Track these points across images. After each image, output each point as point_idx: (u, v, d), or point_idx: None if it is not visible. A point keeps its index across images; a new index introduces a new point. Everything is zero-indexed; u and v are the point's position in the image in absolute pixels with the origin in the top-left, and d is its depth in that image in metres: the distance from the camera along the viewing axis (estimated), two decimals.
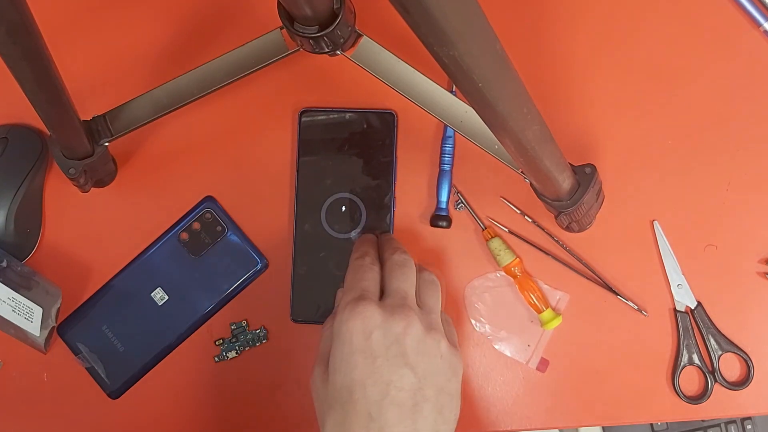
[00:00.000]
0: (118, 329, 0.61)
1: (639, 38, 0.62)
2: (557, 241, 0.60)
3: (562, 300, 0.60)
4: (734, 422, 0.90)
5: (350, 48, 0.53)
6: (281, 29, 0.54)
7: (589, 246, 0.61)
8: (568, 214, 0.53)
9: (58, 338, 0.61)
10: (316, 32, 0.48)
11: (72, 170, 0.54)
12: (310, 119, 0.61)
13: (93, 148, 0.55)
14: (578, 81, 0.62)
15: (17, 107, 0.61)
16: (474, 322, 0.60)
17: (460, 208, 0.61)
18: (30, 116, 0.62)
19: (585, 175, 0.52)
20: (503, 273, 0.60)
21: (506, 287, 0.61)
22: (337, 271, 0.60)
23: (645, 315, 0.60)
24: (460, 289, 0.61)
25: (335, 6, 0.48)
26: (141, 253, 0.61)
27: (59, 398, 0.61)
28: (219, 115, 0.62)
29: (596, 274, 0.60)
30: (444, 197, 0.60)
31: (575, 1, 0.62)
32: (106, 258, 0.62)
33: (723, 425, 0.90)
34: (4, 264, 0.57)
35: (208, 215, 0.61)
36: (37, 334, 0.58)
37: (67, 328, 0.61)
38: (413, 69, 0.54)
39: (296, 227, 0.60)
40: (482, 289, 0.61)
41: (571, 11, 0.62)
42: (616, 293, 0.60)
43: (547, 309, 0.59)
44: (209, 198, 0.62)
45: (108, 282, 0.61)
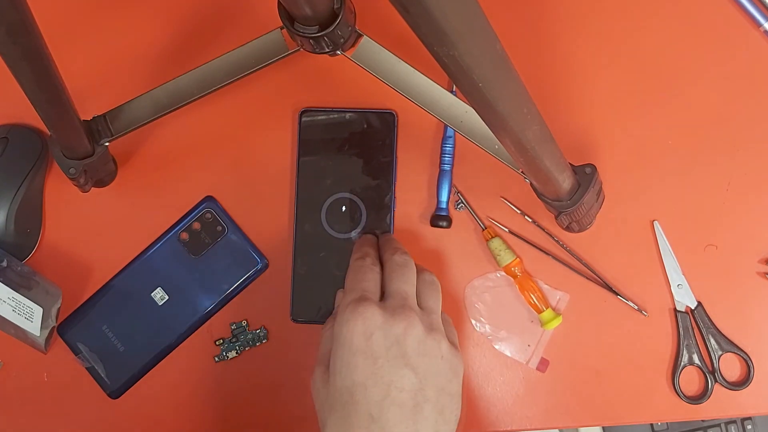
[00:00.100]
0: (118, 329, 0.61)
1: (639, 38, 0.62)
2: (557, 241, 0.60)
3: (562, 300, 0.60)
4: (734, 422, 0.90)
5: (350, 48, 0.53)
6: (281, 29, 0.54)
7: (589, 246, 0.61)
8: (568, 214, 0.53)
9: (58, 338, 0.61)
10: (316, 32, 0.48)
11: (72, 170, 0.54)
12: (310, 119, 0.61)
13: (93, 148, 0.55)
14: (578, 81, 0.62)
15: (17, 107, 0.61)
16: (474, 322, 0.60)
17: (460, 208, 0.61)
18: (30, 116, 0.62)
19: (585, 175, 0.52)
20: (503, 273, 0.60)
21: (506, 287, 0.61)
22: (337, 271, 0.60)
23: (645, 315, 0.60)
24: (460, 289, 0.61)
25: (335, 6, 0.48)
26: (141, 253, 0.61)
27: (59, 398, 0.61)
28: (219, 115, 0.62)
29: (596, 274, 0.60)
30: (444, 197, 0.60)
31: (575, 1, 0.62)
32: (106, 258, 0.62)
33: (723, 425, 0.90)
34: (4, 264, 0.57)
35: (208, 215, 0.61)
36: (38, 334, 0.58)
37: (67, 328, 0.61)
38: (413, 69, 0.54)
39: (296, 227, 0.60)
40: (482, 289, 0.61)
41: (572, 11, 0.62)
42: (616, 293, 0.60)
43: (547, 309, 0.59)
44: (209, 198, 0.62)
45: (108, 282, 0.61)
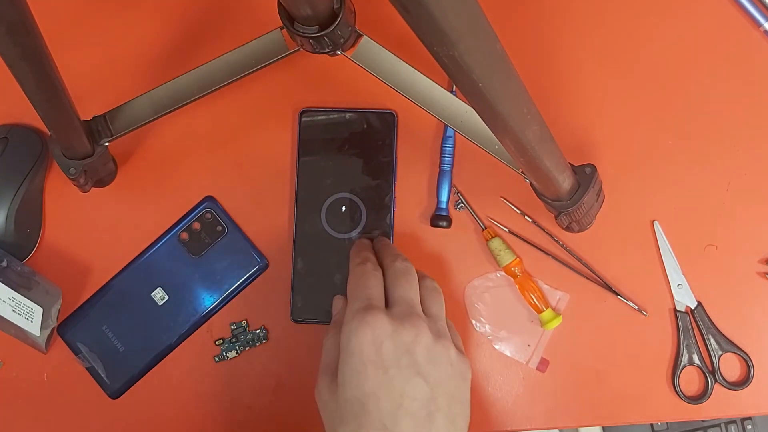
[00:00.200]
0: (118, 329, 0.61)
1: (639, 38, 0.62)
2: (557, 241, 0.60)
3: (562, 300, 0.60)
4: (734, 422, 0.90)
5: (350, 48, 0.53)
6: (281, 29, 0.54)
7: (589, 246, 0.61)
8: (568, 214, 0.53)
9: (58, 338, 0.61)
10: (316, 32, 0.48)
11: (72, 170, 0.54)
12: (310, 119, 0.61)
13: (93, 148, 0.55)
14: (578, 81, 0.62)
15: (17, 107, 0.61)
16: (474, 322, 0.60)
17: (460, 208, 0.61)
18: (30, 116, 0.62)
19: (585, 175, 0.52)
20: (503, 273, 0.60)
21: (506, 287, 0.61)
22: (337, 271, 0.60)
23: (645, 315, 0.60)
24: (460, 289, 0.61)
25: (335, 6, 0.48)
26: (141, 253, 0.61)
27: (59, 398, 0.61)
28: (219, 115, 0.62)
29: (596, 274, 0.60)
30: (444, 197, 0.60)
31: (575, 1, 0.62)
32: (106, 258, 0.62)
33: (723, 425, 0.90)
34: (4, 264, 0.57)
35: (208, 215, 0.61)
36: (37, 334, 0.58)
37: (67, 328, 0.61)
38: (413, 69, 0.54)
39: (296, 227, 0.60)
40: (482, 289, 0.61)
41: (571, 11, 0.62)
42: (616, 293, 0.60)
43: (547, 309, 0.59)
44: (209, 198, 0.62)
45: (108, 282, 0.61)
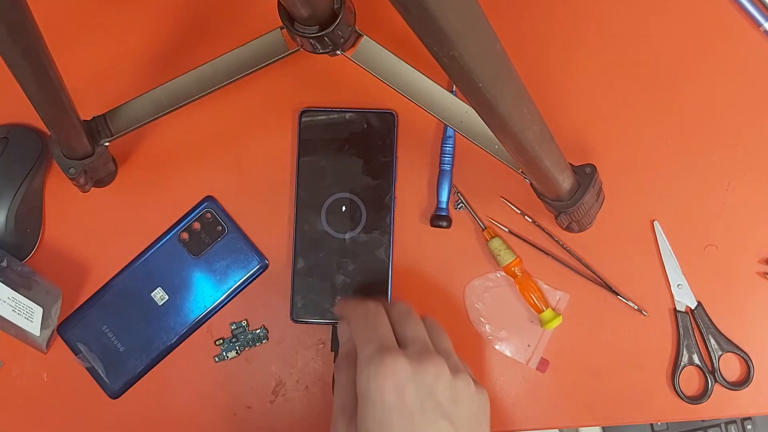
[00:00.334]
0: (118, 329, 0.61)
1: (639, 38, 0.62)
2: (557, 241, 0.60)
3: (562, 300, 0.60)
4: (734, 422, 0.89)
5: (350, 48, 0.53)
6: (281, 29, 0.54)
7: (589, 246, 0.61)
8: (568, 214, 0.53)
9: (58, 338, 0.61)
10: (316, 32, 0.48)
11: (72, 170, 0.54)
12: (310, 119, 0.61)
13: (93, 148, 0.55)
14: (578, 81, 0.62)
15: (17, 107, 0.61)
16: (474, 323, 0.60)
17: (460, 208, 0.61)
18: (30, 116, 0.62)
19: (585, 175, 0.52)
20: (503, 273, 0.60)
21: (506, 287, 0.61)
22: (337, 271, 0.60)
23: (645, 315, 0.60)
24: (460, 289, 0.61)
25: (335, 6, 0.48)
26: (141, 253, 0.61)
27: (59, 398, 0.61)
28: (219, 115, 0.62)
29: (596, 274, 0.60)
30: (444, 197, 0.60)
31: (575, 1, 0.62)
32: (106, 258, 0.62)
33: (723, 425, 0.90)
34: (4, 264, 0.57)
35: (208, 215, 0.61)
36: (37, 334, 0.58)
37: (67, 328, 0.61)
38: (413, 69, 0.54)
39: (296, 227, 0.60)
40: (482, 289, 0.61)
41: (571, 11, 0.62)
42: (616, 293, 0.60)
43: (547, 309, 0.59)
44: (209, 198, 0.62)
45: (108, 282, 0.61)
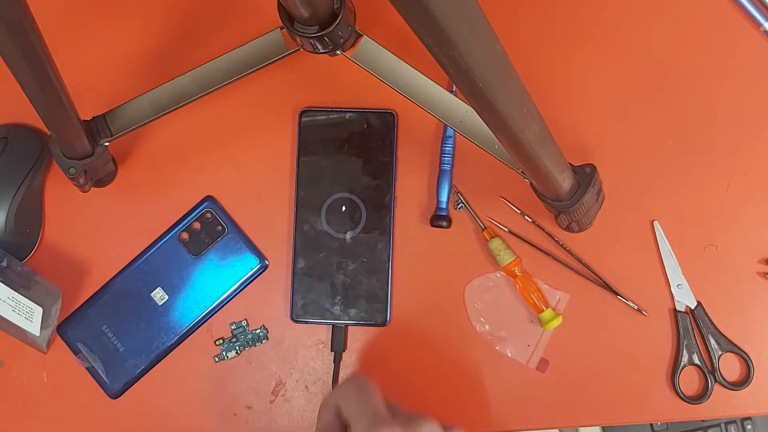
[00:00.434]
0: (118, 329, 0.61)
1: (639, 38, 0.62)
2: (557, 241, 0.60)
3: (562, 300, 0.60)
4: (734, 422, 0.89)
5: (350, 48, 0.53)
6: (281, 29, 0.54)
7: (589, 246, 0.60)
8: (568, 214, 0.53)
9: (58, 338, 0.61)
10: (316, 32, 0.48)
11: (72, 170, 0.54)
12: (310, 119, 0.61)
13: (93, 148, 0.55)
14: (578, 81, 0.62)
15: (17, 107, 0.61)
16: (474, 322, 0.60)
17: (460, 208, 0.61)
18: (30, 116, 0.62)
19: (585, 175, 0.52)
20: (503, 273, 0.60)
21: (506, 287, 0.61)
22: (337, 271, 0.60)
23: (645, 315, 0.60)
24: (460, 289, 0.61)
25: (335, 6, 0.48)
26: (141, 253, 0.61)
27: (59, 398, 0.61)
28: (219, 115, 0.62)
29: (596, 274, 0.60)
30: (444, 197, 0.60)
31: (576, 1, 0.62)
32: (106, 258, 0.62)
33: (723, 425, 0.90)
34: (4, 264, 0.57)
35: (208, 215, 0.61)
36: (37, 334, 0.58)
37: (67, 328, 0.61)
38: (413, 69, 0.54)
39: (296, 227, 0.60)
40: (482, 289, 0.61)
41: (571, 11, 0.62)
42: (616, 293, 0.60)
43: (547, 309, 0.59)
44: (209, 198, 0.62)
45: (108, 282, 0.61)
